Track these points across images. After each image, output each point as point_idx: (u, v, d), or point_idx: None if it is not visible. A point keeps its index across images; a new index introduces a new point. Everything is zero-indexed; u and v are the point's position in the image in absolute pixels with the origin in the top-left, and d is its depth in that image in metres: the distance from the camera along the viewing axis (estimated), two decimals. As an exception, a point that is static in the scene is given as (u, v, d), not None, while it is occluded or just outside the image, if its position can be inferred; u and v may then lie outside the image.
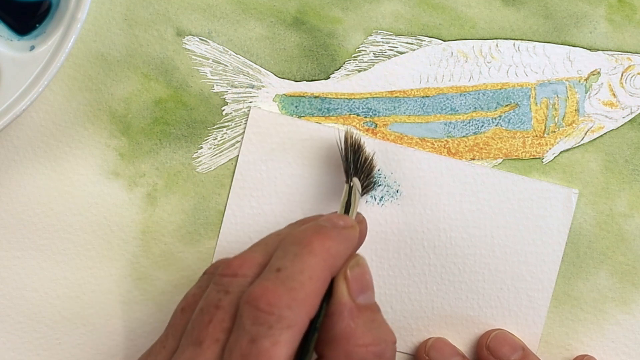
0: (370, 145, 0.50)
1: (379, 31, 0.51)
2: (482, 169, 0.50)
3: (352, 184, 0.47)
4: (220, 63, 0.50)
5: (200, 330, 0.40)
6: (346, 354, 0.41)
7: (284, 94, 0.50)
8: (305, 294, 0.39)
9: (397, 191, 0.50)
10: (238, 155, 0.50)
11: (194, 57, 0.50)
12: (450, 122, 0.51)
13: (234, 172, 0.50)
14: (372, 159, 0.48)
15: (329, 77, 0.51)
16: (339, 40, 0.51)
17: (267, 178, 0.50)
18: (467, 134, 0.51)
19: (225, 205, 0.50)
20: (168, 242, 0.50)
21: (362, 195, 0.47)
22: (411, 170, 0.50)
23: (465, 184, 0.50)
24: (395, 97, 0.51)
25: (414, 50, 0.51)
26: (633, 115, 0.51)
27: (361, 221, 0.46)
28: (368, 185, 0.48)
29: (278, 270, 0.40)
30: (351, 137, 0.48)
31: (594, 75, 0.51)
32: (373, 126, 0.50)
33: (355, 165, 0.47)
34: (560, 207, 0.50)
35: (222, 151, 0.50)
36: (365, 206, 0.50)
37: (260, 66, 0.50)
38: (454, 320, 0.50)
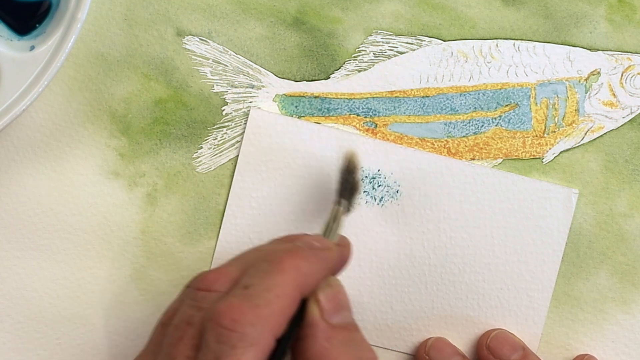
0: (371, 145, 0.50)
1: (379, 31, 0.51)
2: (482, 169, 0.50)
3: (340, 206, 0.46)
4: (220, 63, 0.50)
5: (172, 347, 0.40)
6: None
7: (284, 94, 0.50)
8: (271, 312, 0.39)
9: (397, 191, 0.50)
10: (238, 155, 0.50)
11: (194, 57, 0.50)
12: (450, 122, 0.51)
13: (234, 172, 0.50)
14: (360, 185, 0.48)
15: (329, 77, 0.51)
16: (339, 40, 0.51)
17: (267, 178, 0.50)
18: (467, 134, 0.51)
19: (225, 205, 0.50)
20: (168, 242, 0.50)
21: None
22: (411, 170, 0.50)
23: (465, 184, 0.50)
24: (395, 97, 0.51)
25: (414, 50, 0.51)
26: (633, 115, 0.51)
27: (345, 245, 0.46)
28: (349, 210, 0.47)
29: (245, 287, 0.39)
30: (351, 159, 0.47)
31: (594, 75, 0.51)
32: (373, 126, 0.50)
33: (349, 188, 0.47)
34: (560, 207, 0.50)
35: (222, 151, 0.50)
36: (365, 206, 0.50)
37: (260, 66, 0.50)
38: (454, 320, 0.50)
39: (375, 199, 0.50)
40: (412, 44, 0.51)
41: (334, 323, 0.41)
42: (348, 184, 0.47)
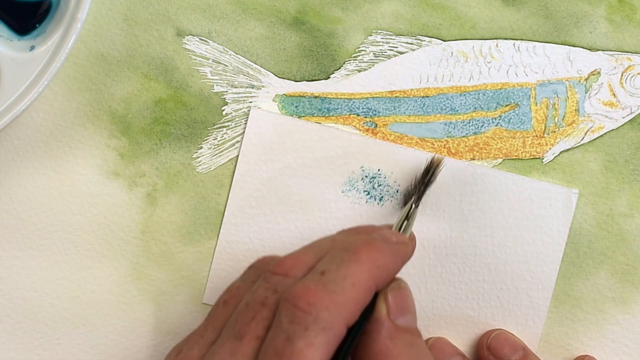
0: (371, 145, 0.50)
1: (379, 31, 0.51)
2: (482, 169, 0.50)
3: (416, 206, 0.47)
4: (220, 63, 0.50)
5: (242, 324, 0.40)
6: None
7: (284, 94, 0.50)
8: (345, 300, 0.39)
9: (397, 191, 0.50)
10: (238, 155, 0.50)
11: (194, 57, 0.50)
12: (450, 122, 0.51)
13: (234, 172, 0.50)
14: (432, 184, 0.49)
15: (329, 77, 0.51)
16: (339, 40, 0.51)
17: (267, 178, 0.50)
18: (467, 134, 0.51)
19: (225, 205, 0.50)
20: (168, 242, 0.50)
21: None
22: (411, 170, 0.50)
23: (465, 184, 0.50)
24: (395, 97, 0.51)
25: (414, 50, 0.51)
26: (633, 115, 0.51)
27: (412, 238, 0.46)
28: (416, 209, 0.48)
29: (322, 273, 0.40)
30: (437, 165, 0.48)
31: (594, 75, 0.51)
32: (373, 126, 0.50)
33: (425, 190, 0.48)
34: (560, 207, 0.50)
35: (222, 151, 0.50)
36: (365, 205, 0.50)
37: (260, 66, 0.50)
38: (454, 320, 0.50)
39: (375, 199, 0.50)
40: (412, 44, 0.51)
41: (398, 324, 0.42)
42: (425, 186, 0.48)
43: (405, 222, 0.46)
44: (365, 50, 0.51)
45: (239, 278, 0.44)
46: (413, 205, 0.47)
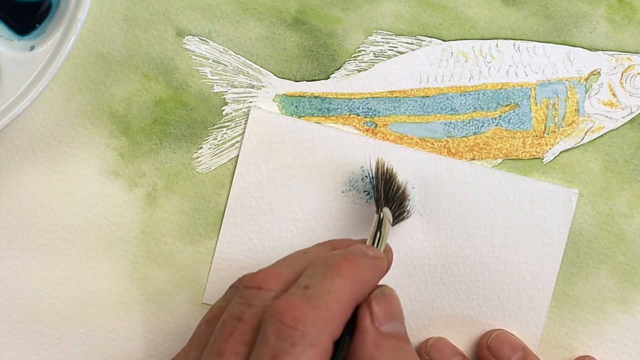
0: (371, 145, 0.50)
1: (379, 31, 0.51)
2: (482, 169, 0.50)
3: (382, 215, 0.46)
4: (220, 63, 0.50)
5: (221, 342, 0.40)
6: None
7: (284, 94, 0.50)
8: (331, 314, 0.39)
9: (397, 191, 0.50)
10: (238, 155, 0.50)
11: (194, 57, 0.50)
12: (450, 122, 0.51)
13: (234, 172, 0.50)
14: (404, 189, 0.48)
15: (329, 77, 0.51)
16: (339, 40, 0.51)
17: (267, 178, 0.50)
18: (467, 134, 0.51)
19: (225, 205, 0.50)
20: (168, 242, 0.50)
21: (393, 225, 0.47)
22: (411, 170, 0.50)
23: (465, 184, 0.50)
24: (395, 97, 0.51)
25: (414, 50, 0.51)
26: (633, 115, 0.51)
27: (388, 251, 0.46)
28: (400, 215, 0.48)
29: (306, 288, 0.40)
30: (382, 166, 0.47)
31: (594, 75, 0.51)
32: (373, 126, 0.50)
33: (387, 195, 0.47)
34: (560, 207, 0.50)
35: (222, 151, 0.50)
36: (365, 206, 0.50)
37: (260, 66, 0.50)
38: (454, 320, 0.50)
39: (375, 199, 0.50)
40: (412, 44, 0.51)
41: (383, 331, 0.42)
42: (385, 192, 0.47)
43: (378, 234, 0.45)
44: (365, 50, 0.51)
45: (221, 298, 0.44)
46: (379, 216, 0.46)
